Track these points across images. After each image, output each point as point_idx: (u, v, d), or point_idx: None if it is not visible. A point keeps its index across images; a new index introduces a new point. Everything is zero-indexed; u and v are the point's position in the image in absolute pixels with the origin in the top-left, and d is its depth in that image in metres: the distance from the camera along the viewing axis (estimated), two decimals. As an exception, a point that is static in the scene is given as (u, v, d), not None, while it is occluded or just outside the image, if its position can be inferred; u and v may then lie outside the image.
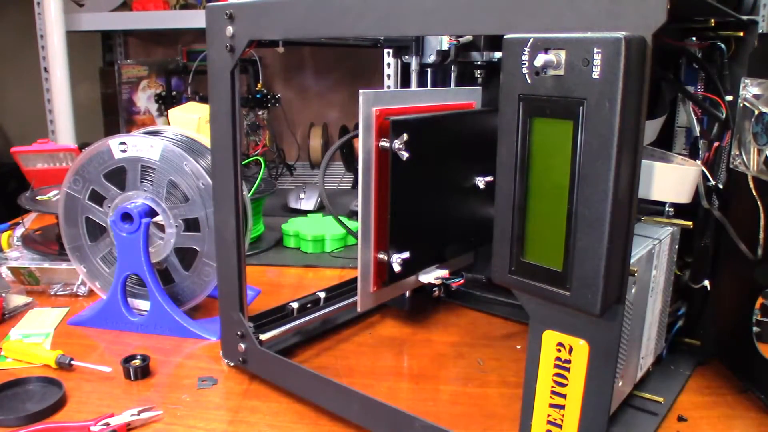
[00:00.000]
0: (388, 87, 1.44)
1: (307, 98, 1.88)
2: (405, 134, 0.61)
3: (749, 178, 0.58)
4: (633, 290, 0.52)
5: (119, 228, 0.75)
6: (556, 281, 0.40)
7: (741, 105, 0.59)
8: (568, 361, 0.42)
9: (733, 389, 0.64)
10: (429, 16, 0.46)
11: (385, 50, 1.39)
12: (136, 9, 1.66)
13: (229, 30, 0.58)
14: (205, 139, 0.80)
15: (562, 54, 0.37)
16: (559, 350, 0.42)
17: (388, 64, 1.43)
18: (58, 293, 0.88)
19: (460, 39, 0.77)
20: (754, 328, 0.60)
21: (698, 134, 0.65)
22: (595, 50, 0.35)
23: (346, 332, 0.78)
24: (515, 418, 0.46)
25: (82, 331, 0.78)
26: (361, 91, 0.60)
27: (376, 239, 0.64)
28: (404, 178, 0.64)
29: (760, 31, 0.59)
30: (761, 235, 0.57)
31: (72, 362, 0.67)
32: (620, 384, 0.55)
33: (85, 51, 2.02)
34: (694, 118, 0.65)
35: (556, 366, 0.42)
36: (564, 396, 0.42)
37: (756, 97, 0.57)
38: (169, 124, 0.86)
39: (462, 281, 0.72)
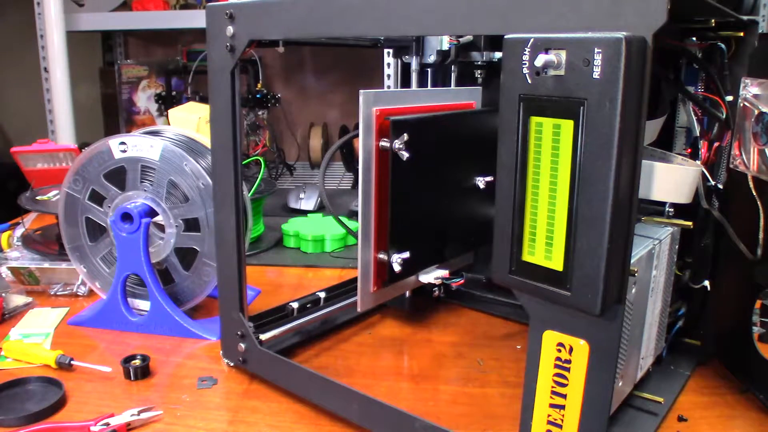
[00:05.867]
0: (388, 87, 1.44)
1: (307, 98, 1.88)
2: (405, 134, 0.61)
3: (749, 178, 0.58)
4: (633, 290, 0.52)
5: (119, 228, 0.75)
6: (556, 281, 0.40)
7: (741, 105, 0.59)
8: (569, 361, 0.42)
9: (733, 389, 0.64)
10: (429, 16, 0.46)
11: (385, 50, 1.39)
12: (136, 9, 1.66)
13: (229, 30, 0.58)
14: (205, 139, 0.80)
15: (563, 54, 0.37)
16: (559, 350, 0.42)
17: (388, 64, 1.43)
18: (58, 293, 0.88)
19: (460, 39, 0.77)
20: (754, 328, 0.60)
21: (698, 134, 0.65)
22: (596, 50, 0.35)
23: (346, 332, 0.78)
24: (515, 418, 0.46)
25: (82, 331, 0.78)
26: (361, 91, 0.60)
27: (376, 239, 0.64)
28: (404, 178, 0.64)
29: (760, 31, 0.59)
30: (761, 235, 0.57)
31: (72, 362, 0.67)
32: (620, 384, 0.55)
33: (85, 51, 2.02)
34: (694, 118, 0.65)
35: (556, 366, 0.42)
36: (564, 396, 0.42)
37: (756, 97, 0.57)
38: (169, 124, 0.86)
39: (462, 281, 0.72)
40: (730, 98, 0.60)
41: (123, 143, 0.76)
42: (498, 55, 0.77)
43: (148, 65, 1.82)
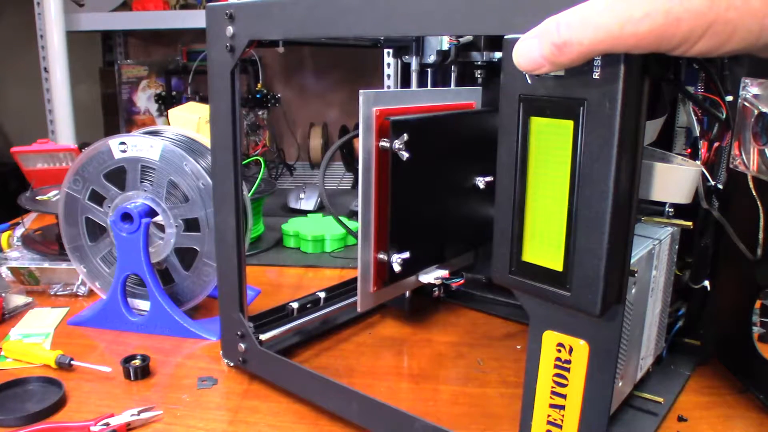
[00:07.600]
0: (388, 87, 1.44)
1: (307, 98, 1.88)
2: (405, 134, 0.61)
3: (749, 178, 0.58)
4: (633, 290, 0.52)
5: (119, 228, 0.75)
6: (556, 281, 0.40)
7: (741, 105, 0.58)
8: (568, 362, 0.42)
9: (733, 389, 0.64)
10: (429, 16, 0.46)
11: (385, 50, 1.39)
12: (136, 9, 1.67)
13: (229, 30, 0.58)
14: (205, 139, 0.80)
15: (563, 54, 0.37)
16: (559, 350, 0.42)
17: (388, 64, 1.43)
18: (58, 293, 0.88)
19: (460, 39, 0.77)
20: (754, 328, 0.60)
21: (698, 134, 0.65)
22: (596, 50, 0.35)
23: (346, 332, 0.78)
24: (515, 418, 0.46)
25: (82, 331, 0.78)
26: (361, 91, 0.60)
27: (376, 239, 0.64)
28: (404, 178, 0.64)
29: (760, 31, 0.59)
30: (761, 235, 0.57)
31: (72, 362, 0.67)
32: (620, 384, 0.55)
33: (85, 51, 2.02)
34: (694, 118, 0.65)
35: (556, 366, 0.42)
36: (564, 396, 0.42)
37: (756, 97, 0.57)
38: (169, 124, 0.86)
39: (462, 281, 0.72)
40: (730, 98, 0.60)
41: (123, 143, 0.76)
42: (498, 55, 0.77)
43: (148, 65, 1.82)
